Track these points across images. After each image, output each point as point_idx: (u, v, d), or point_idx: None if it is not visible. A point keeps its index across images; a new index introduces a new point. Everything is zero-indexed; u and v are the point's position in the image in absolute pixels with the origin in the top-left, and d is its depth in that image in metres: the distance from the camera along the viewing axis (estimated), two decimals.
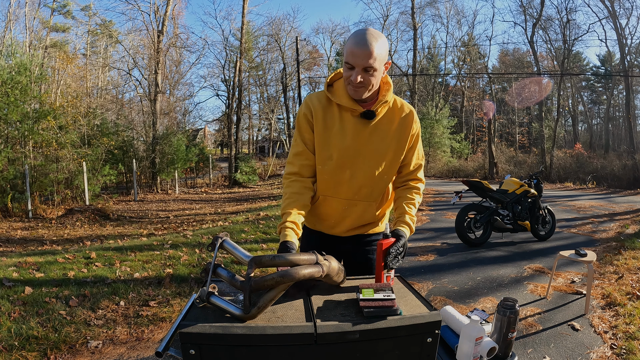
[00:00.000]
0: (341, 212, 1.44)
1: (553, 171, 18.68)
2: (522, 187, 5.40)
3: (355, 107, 1.34)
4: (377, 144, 1.37)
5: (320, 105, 1.38)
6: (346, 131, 1.36)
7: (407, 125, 1.40)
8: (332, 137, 1.37)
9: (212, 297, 1.03)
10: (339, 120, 1.37)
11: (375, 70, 1.27)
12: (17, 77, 9.99)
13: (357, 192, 1.41)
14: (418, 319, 1.00)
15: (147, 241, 5.66)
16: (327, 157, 1.38)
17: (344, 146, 1.36)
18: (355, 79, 1.25)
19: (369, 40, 1.23)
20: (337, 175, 1.39)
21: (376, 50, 1.23)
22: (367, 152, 1.37)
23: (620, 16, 21.05)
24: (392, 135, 1.39)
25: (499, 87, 33.03)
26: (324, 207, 1.45)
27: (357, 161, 1.38)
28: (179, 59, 24.76)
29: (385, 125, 1.38)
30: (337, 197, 1.42)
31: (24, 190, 9.77)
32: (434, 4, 28.01)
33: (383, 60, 1.28)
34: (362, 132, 1.36)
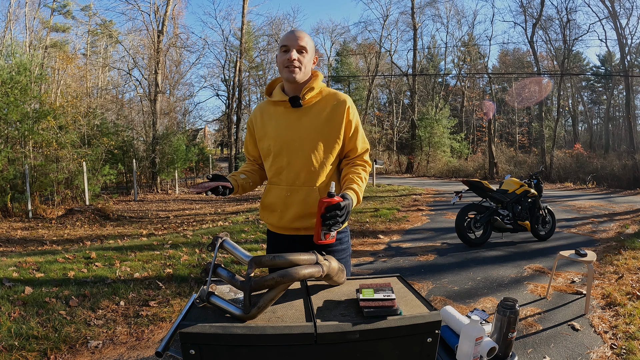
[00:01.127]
0: (284, 199, 1.49)
1: (553, 171, 18.68)
2: (522, 187, 5.40)
3: (284, 98, 1.49)
4: (308, 128, 1.47)
5: (259, 109, 1.59)
6: (279, 122, 1.50)
7: (340, 112, 1.49)
8: (268, 130, 1.52)
9: (212, 297, 1.03)
10: (274, 115, 1.52)
11: (307, 52, 1.47)
12: (17, 77, 9.99)
13: (297, 178, 1.48)
14: (418, 319, 1.00)
15: (147, 241, 5.66)
16: (266, 148, 1.52)
17: (278, 134, 1.49)
18: (290, 56, 1.43)
19: (300, 31, 1.49)
20: (277, 163, 1.50)
21: (306, 37, 1.47)
22: (300, 137, 1.47)
23: (620, 16, 21.05)
24: (324, 120, 1.48)
25: (499, 87, 33.03)
26: (270, 196, 1.53)
27: (292, 147, 1.47)
28: (179, 59, 24.76)
29: (316, 111, 1.49)
30: (279, 184, 1.51)
31: (24, 190, 9.77)
32: (434, 4, 28.00)
33: (312, 49, 1.50)
34: (293, 119, 1.48)
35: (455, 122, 27.34)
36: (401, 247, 5.21)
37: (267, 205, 1.55)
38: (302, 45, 1.45)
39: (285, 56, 1.45)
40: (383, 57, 29.07)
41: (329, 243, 1.29)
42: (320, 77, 1.54)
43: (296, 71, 1.45)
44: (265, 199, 1.56)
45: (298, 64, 1.45)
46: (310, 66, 1.51)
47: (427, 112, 25.32)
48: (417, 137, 25.18)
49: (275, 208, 1.53)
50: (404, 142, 28.71)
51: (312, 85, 1.49)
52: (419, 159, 25.10)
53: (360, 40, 31.41)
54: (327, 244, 1.31)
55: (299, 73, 1.46)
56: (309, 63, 1.50)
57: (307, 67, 1.49)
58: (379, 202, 9.69)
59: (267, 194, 1.55)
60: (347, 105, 1.50)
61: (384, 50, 28.63)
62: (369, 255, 4.79)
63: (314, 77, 1.54)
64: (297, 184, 1.48)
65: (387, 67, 30.30)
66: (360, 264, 4.43)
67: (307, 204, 1.48)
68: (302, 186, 1.48)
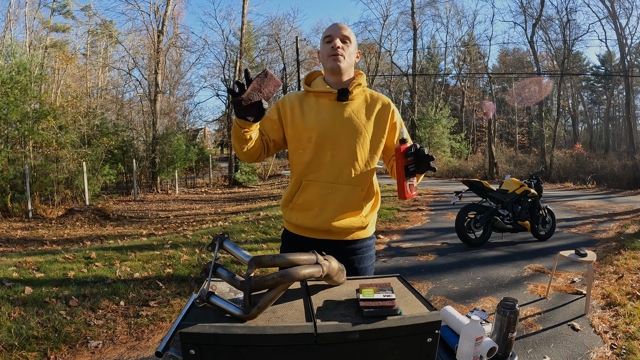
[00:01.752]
0: (324, 197, 1.40)
1: (553, 171, 18.68)
2: (522, 187, 5.40)
3: (331, 90, 1.42)
4: (355, 123, 1.41)
5: (297, 98, 1.47)
6: (324, 114, 1.41)
7: (386, 113, 1.46)
8: (310, 121, 1.41)
9: (212, 297, 1.03)
10: (315, 106, 1.43)
11: (351, 43, 1.43)
12: (16, 77, 9.99)
13: (340, 174, 1.39)
14: (418, 319, 1.00)
15: (147, 241, 5.66)
16: (307, 139, 1.41)
17: (323, 127, 1.40)
18: (335, 43, 1.39)
19: (342, 23, 1.46)
20: (318, 157, 1.40)
21: (349, 29, 1.44)
22: (346, 131, 1.40)
23: (620, 16, 21.07)
24: (371, 116, 1.43)
25: (499, 87, 33.03)
26: (306, 193, 1.42)
27: (337, 141, 1.39)
28: (179, 59, 24.77)
29: (362, 107, 1.44)
30: (319, 180, 1.40)
31: (24, 190, 9.77)
32: (434, 4, 28.01)
33: (355, 42, 1.47)
34: (340, 113, 1.41)
35: (455, 122, 27.34)
36: (401, 247, 5.21)
37: (301, 203, 1.43)
38: (345, 35, 1.42)
39: (329, 45, 1.41)
40: (383, 57, 29.09)
41: (414, 196, 1.26)
42: (364, 75, 1.50)
43: (341, 59, 1.40)
44: (302, 197, 1.43)
45: (342, 52, 1.40)
46: (353, 58, 1.46)
47: (427, 112, 25.32)
48: (417, 137, 25.18)
49: (311, 206, 1.41)
50: None
51: (360, 82, 1.46)
52: None
53: (360, 40, 31.40)
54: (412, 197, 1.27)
55: (343, 61, 1.41)
56: (353, 55, 1.45)
57: (352, 57, 1.45)
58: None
59: (304, 192, 1.42)
60: (392, 107, 1.47)
61: (384, 50, 28.66)
62: None
63: (358, 74, 1.50)
64: (340, 182, 1.39)
65: (387, 67, 30.31)
66: None
67: (348, 205, 1.41)
68: (345, 184, 1.39)
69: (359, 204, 1.43)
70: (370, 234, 1.52)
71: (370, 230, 1.51)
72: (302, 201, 1.43)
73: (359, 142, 1.40)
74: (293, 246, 1.50)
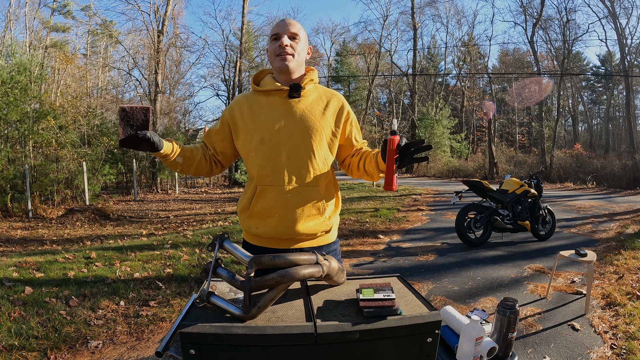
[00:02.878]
0: (284, 201, 1.30)
1: (553, 171, 18.68)
2: (522, 187, 5.40)
3: (282, 87, 1.34)
4: (310, 120, 1.34)
5: (246, 99, 1.40)
6: (275, 112, 1.33)
7: (340, 109, 1.40)
8: (261, 121, 1.33)
9: (212, 297, 1.03)
10: (266, 105, 1.35)
11: (300, 39, 1.35)
12: (16, 77, 9.99)
13: (298, 176, 1.31)
14: (418, 319, 1.00)
15: (147, 241, 5.66)
16: (259, 140, 1.32)
17: (275, 127, 1.32)
18: (282, 42, 1.30)
19: (290, 18, 1.39)
20: (273, 159, 1.30)
21: (297, 25, 1.35)
22: (300, 129, 1.32)
23: (620, 16, 21.07)
24: (325, 112, 1.37)
25: (499, 87, 33.03)
26: (264, 199, 1.32)
27: (292, 140, 1.31)
28: (179, 59, 24.76)
29: (315, 103, 1.37)
30: (277, 185, 1.30)
31: (24, 190, 9.77)
32: (434, 4, 28.04)
33: (305, 38, 1.38)
34: (293, 110, 1.34)
35: (455, 122, 27.35)
36: (401, 247, 5.21)
37: (260, 211, 1.33)
38: (293, 32, 1.33)
39: (277, 43, 1.32)
40: (383, 57, 29.09)
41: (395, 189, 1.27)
42: (315, 71, 1.43)
43: (289, 58, 1.31)
44: (259, 204, 1.32)
45: (291, 50, 1.32)
46: (304, 56, 1.38)
47: (427, 112, 25.33)
48: (417, 137, 25.19)
49: (271, 213, 1.31)
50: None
51: (312, 77, 1.39)
52: None
53: (360, 40, 31.47)
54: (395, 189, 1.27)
55: (292, 61, 1.32)
56: (303, 52, 1.37)
57: (301, 55, 1.36)
58: (379, 202, 9.69)
59: (261, 198, 1.32)
60: (343, 102, 1.42)
61: (384, 50, 28.66)
62: (369, 255, 4.78)
63: (309, 71, 1.43)
64: (299, 183, 1.31)
65: (387, 67, 30.32)
66: (360, 264, 4.43)
67: (311, 207, 1.33)
68: (305, 186, 1.31)
69: (321, 204, 1.35)
70: (334, 238, 1.46)
71: (334, 234, 1.45)
72: (260, 208, 1.33)
73: (315, 140, 1.33)
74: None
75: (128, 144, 1.16)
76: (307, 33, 1.41)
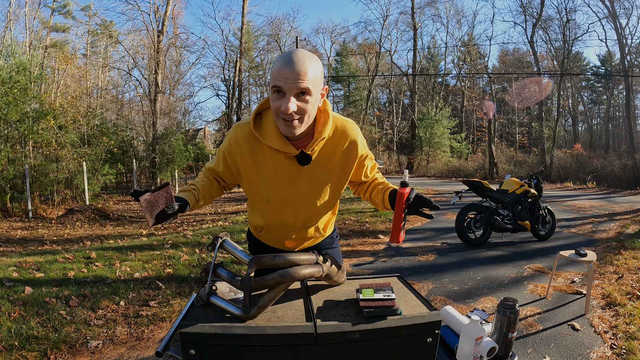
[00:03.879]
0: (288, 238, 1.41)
1: (553, 171, 18.69)
2: (522, 187, 5.40)
3: (288, 150, 1.15)
4: (317, 185, 1.25)
5: (248, 146, 1.20)
6: (281, 176, 1.21)
7: (352, 155, 1.24)
8: (265, 179, 1.22)
9: (212, 297, 1.03)
10: (271, 163, 1.19)
11: (311, 95, 1.06)
12: (16, 77, 10.00)
13: (303, 224, 1.36)
14: (418, 319, 1.00)
15: (147, 241, 5.66)
16: (264, 199, 1.27)
17: (280, 189, 1.23)
18: (286, 108, 1.03)
19: (301, 59, 1.03)
20: (279, 213, 1.31)
21: (310, 70, 1.03)
22: (306, 190, 1.25)
23: (620, 16, 21.08)
24: (334, 167, 1.23)
25: (499, 87, 33.02)
26: (270, 234, 1.41)
27: (297, 200, 1.27)
28: (179, 59, 24.73)
29: (324, 160, 1.21)
30: (283, 230, 1.37)
31: (24, 190, 9.77)
32: (434, 4, 28.03)
33: (319, 84, 1.09)
34: (299, 174, 1.21)
35: (455, 122, 27.35)
36: (401, 247, 5.21)
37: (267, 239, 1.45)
38: (303, 87, 1.03)
39: (279, 103, 1.05)
40: (383, 57, 29.10)
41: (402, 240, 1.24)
42: (330, 117, 1.18)
43: (295, 125, 1.08)
44: (263, 234, 1.43)
45: (298, 116, 1.07)
46: (315, 109, 1.12)
47: (427, 112, 25.33)
48: (417, 137, 25.20)
49: (275, 243, 1.45)
50: (404, 142, 28.73)
51: (323, 135, 1.16)
52: (419, 159, 25.12)
53: (360, 40, 31.44)
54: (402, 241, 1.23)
55: (299, 127, 1.09)
56: (314, 107, 1.11)
57: (312, 113, 1.11)
58: None
59: (267, 233, 1.41)
60: (358, 144, 1.23)
61: (384, 50, 28.66)
62: (369, 255, 4.78)
63: (322, 118, 1.18)
64: (301, 227, 1.37)
65: (387, 67, 30.32)
66: (360, 264, 4.43)
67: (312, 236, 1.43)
68: (308, 228, 1.39)
69: (320, 231, 1.44)
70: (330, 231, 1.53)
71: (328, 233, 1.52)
72: (266, 238, 1.44)
73: (321, 198, 1.28)
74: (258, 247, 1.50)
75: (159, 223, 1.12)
76: (321, 68, 1.10)
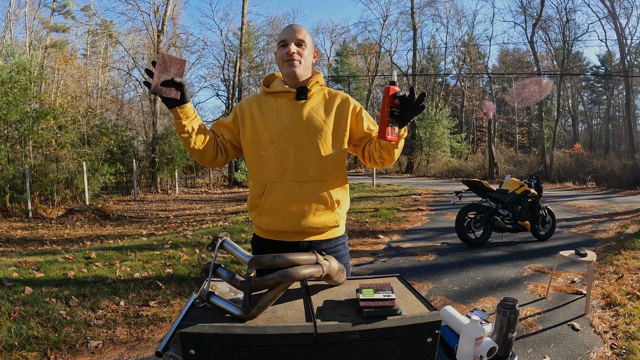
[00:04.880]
0: (292, 197, 1.38)
1: (553, 171, 18.68)
2: (522, 187, 5.40)
3: (290, 90, 1.43)
4: (315, 120, 1.42)
5: (256, 100, 1.48)
6: (283, 114, 1.43)
7: (346, 108, 1.46)
8: (270, 122, 1.42)
9: (212, 297, 1.03)
10: (275, 106, 1.44)
11: (306, 46, 1.43)
12: (16, 77, 10.00)
13: (305, 173, 1.39)
14: (418, 319, 1.00)
15: (147, 241, 5.66)
16: (268, 140, 1.41)
17: (283, 127, 1.41)
18: (289, 49, 1.39)
19: (298, 25, 1.46)
20: (281, 158, 1.39)
21: (304, 31, 1.44)
22: (307, 129, 1.41)
23: (620, 16, 21.08)
24: (330, 112, 1.44)
25: (499, 87, 33.03)
26: (273, 195, 1.39)
27: (299, 140, 1.40)
28: None
29: (321, 105, 1.46)
30: (285, 181, 1.38)
31: (24, 190, 9.78)
32: (434, 4, 28.02)
33: (311, 43, 1.46)
34: (299, 111, 1.43)
35: (455, 122, 27.34)
36: (401, 247, 5.21)
37: (269, 206, 1.40)
38: (300, 38, 1.42)
39: (284, 50, 1.42)
40: (383, 57, 29.10)
41: (392, 141, 1.24)
42: (321, 74, 1.52)
43: (296, 64, 1.41)
44: (268, 200, 1.40)
45: (298, 57, 1.42)
46: (310, 60, 1.47)
47: (427, 112, 25.32)
48: (417, 137, 25.19)
49: (280, 208, 1.39)
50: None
51: (317, 80, 1.48)
52: (419, 159, 25.12)
53: (360, 40, 31.46)
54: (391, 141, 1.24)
55: (299, 66, 1.42)
56: (309, 57, 1.46)
57: (308, 60, 1.45)
58: (379, 202, 9.68)
59: (270, 195, 1.39)
60: (348, 97, 1.49)
61: (384, 50, 28.65)
62: (369, 255, 4.79)
63: (315, 74, 1.51)
64: (306, 179, 1.39)
65: (387, 67, 30.30)
66: (360, 264, 4.43)
67: (318, 201, 1.40)
68: (312, 181, 1.39)
69: (329, 199, 1.42)
70: (342, 232, 1.55)
71: (342, 228, 1.54)
72: (269, 204, 1.40)
73: (321, 138, 1.41)
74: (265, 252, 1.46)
75: (158, 90, 1.20)
76: (313, 37, 1.49)
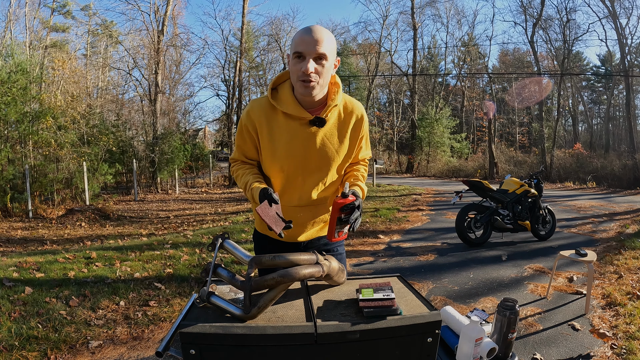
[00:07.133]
0: (295, 217, 1.37)
1: (553, 171, 18.68)
2: (522, 187, 5.39)
3: (304, 115, 1.26)
4: (328, 150, 1.32)
5: (264, 115, 1.30)
6: (296, 141, 1.29)
7: (359, 127, 1.36)
8: (281, 149, 1.29)
9: (212, 297, 1.03)
10: (286, 130, 1.28)
11: (327, 60, 1.20)
12: (15, 77, 10.00)
13: (309, 197, 1.36)
14: (418, 319, 1.00)
15: (147, 241, 5.66)
16: (278, 169, 1.33)
17: (295, 157, 1.30)
18: (306, 69, 1.17)
19: (319, 29, 1.20)
20: (290, 183, 1.35)
21: (327, 39, 1.19)
22: (318, 157, 1.32)
23: (620, 16, 21.05)
24: (344, 137, 1.34)
25: (499, 87, 33.02)
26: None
27: (309, 168, 1.33)
28: (179, 59, 24.72)
29: (335, 128, 1.32)
30: (290, 205, 1.36)
31: (24, 190, 9.78)
32: (434, 4, 27.96)
33: (333, 53, 1.23)
34: (313, 140, 1.29)
35: (456, 122, 27.33)
36: (401, 247, 5.21)
37: None
38: (321, 52, 1.18)
39: (300, 66, 1.19)
40: (383, 57, 29.06)
41: (341, 240, 1.27)
42: (340, 88, 1.33)
43: (313, 86, 1.21)
44: None
45: (316, 77, 1.19)
46: (329, 76, 1.26)
47: (427, 112, 25.31)
48: (417, 137, 25.18)
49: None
50: (404, 142, 28.73)
51: (336, 102, 1.29)
52: (419, 159, 25.10)
53: (360, 40, 31.40)
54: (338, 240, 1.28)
55: (316, 88, 1.22)
56: (329, 72, 1.24)
57: (327, 77, 1.24)
58: (379, 202, 9.68)
59: None
60: (363, 124, 1.37)
61: (384, 50, 28.63)
62: (369, 255, 4.78)
63: (333, 88, 1.32)
64: (309, 203, 1.37)
65: (387, 67, 30.29)
66: (360, 264, 4.43)
67: (317, 220, 1.42)
68: (314, 205, 1.38)
69: (326, 216, 1.44)
70: None
71: None
72: None
73: (332, 168, 1.35)
74: (264, 247, 1.49)
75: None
76: (335, 42, 1.27)
